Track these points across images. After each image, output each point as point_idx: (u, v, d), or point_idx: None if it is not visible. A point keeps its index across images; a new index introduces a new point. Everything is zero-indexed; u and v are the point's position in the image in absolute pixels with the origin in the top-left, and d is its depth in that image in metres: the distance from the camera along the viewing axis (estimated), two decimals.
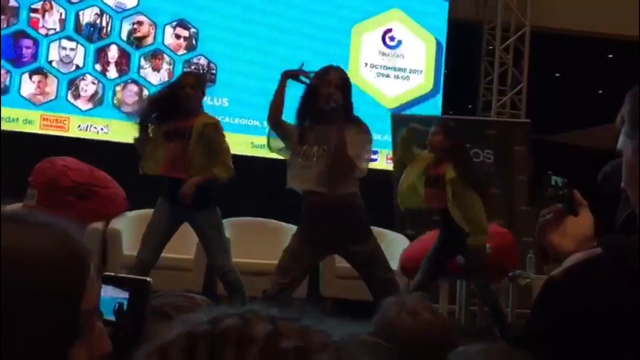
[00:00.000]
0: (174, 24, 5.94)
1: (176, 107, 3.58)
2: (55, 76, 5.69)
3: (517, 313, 5.40)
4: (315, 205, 2.94)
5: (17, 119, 5.59)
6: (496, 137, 6.21)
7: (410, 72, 6.45)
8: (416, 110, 6.40)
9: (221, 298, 3.81)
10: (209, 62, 5.98)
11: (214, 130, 3.64)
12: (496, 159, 6.13)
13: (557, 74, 9.94)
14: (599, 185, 3.24)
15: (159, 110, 3.62)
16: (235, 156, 4.02)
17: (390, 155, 6.17)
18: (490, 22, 6.84)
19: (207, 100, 5.96)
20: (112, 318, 0.93)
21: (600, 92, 9.75)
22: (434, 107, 6.47)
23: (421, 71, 6.46)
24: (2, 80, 5.60)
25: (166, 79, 5.89)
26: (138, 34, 5.88)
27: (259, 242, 5.30)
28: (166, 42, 5.92)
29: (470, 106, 7.32)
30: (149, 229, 3.59)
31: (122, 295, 0.95)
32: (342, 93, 2.99)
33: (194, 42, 5.97)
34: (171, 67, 5.91)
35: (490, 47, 6.94)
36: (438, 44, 6.52)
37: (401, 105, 6.40)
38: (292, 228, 5.49)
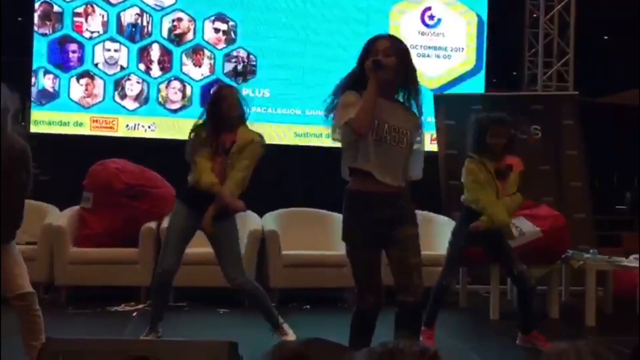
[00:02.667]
0: (213, 18, 5.99)
1: (218, 123, 3.46)
2: (102, 78, 5.84)
3: (571, 291, 5.35)
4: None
5: (69, 122, 5.78)
6: (543, 111, 6.07)
7: (451, 51, 6.34)
8: (459, 89, 6.31)
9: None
10: (249, 54, 6.03)
11: (253, 150, 3.49)
12: (544, 135, 6.00)
13: (605, 37, 9.60)
14: None
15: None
16: (278, 146, 4.05)
17: (434, 136, 6.12)
18: None
19: (248, 93, 6.06)
20: None
21: None
22: (478, 85, 6.36)
23: (462, 49, 6.35)
24: (52, 85, 5.78)
25: (208, 73, 5.98)
26: (178, 31, 5.96)
27: (306, 233, 5.36)
28: (206, 37, 5.98)
29: (515, 81, 7.16)
30: (170, 234, 3.53)
31: None
32: (397, 59, 2.59)
33: (233, 35, 6.01)
34: (212, 61, 5.98)
35: (535, 16, 6.74)
36: (479, 19, 6.38)
37: (444, 85, 6.32)
38: (338, 217, 5.56)
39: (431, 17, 6.32)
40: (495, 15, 6.40)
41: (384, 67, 2.57)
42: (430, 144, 6.25)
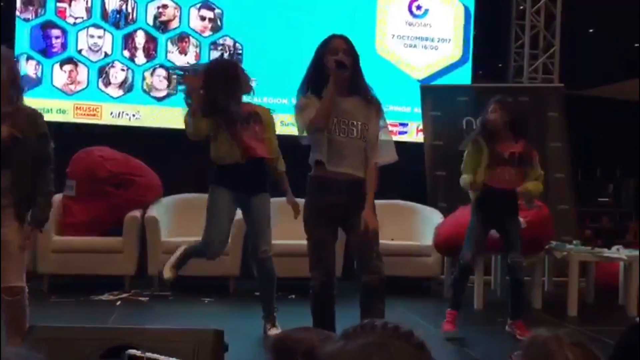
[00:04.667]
0: (199, 5, 5.93)
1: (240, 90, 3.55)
2: (85, 65, 5.77)
3: (554, 282, 5.40)
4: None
5: (51, 109, 5.70)
6: (528, 103, 6.10)
7: (438, 41, 6.34)
8: (446, 80, 6.31)
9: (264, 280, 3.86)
10: (235, 42, 5.98)
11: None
12: (529, 126, 6.02)
13: (591, 30, 9.65)
14: None
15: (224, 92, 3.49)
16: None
17: (421, 127, 6.13)
18: None
19: None
20: None
21: (636, 45, 9.44)
22: (464, 76, 6.37)
23: (449, 39, 6.35)
24: (34, 71, 5.70)
25: (193, 61, 5.92)
26: (163, 18, 5.90)
27: (293, 222, 5.34)
28: (191, 24, 5.92)
29: (501, 73, 7.18)
30: (215, 217, 3.53)
31: None
32: (351, 59, 2.82)
33: (219, 22, 5.96)
34: (198, 49, 5.93)
35: (521, 7, 6.75)
36: (466, 10, 6.38)
37: (430, 76, 6.31)
38: None
39: (418, 8, 6.31)
40: (482, 6, 6.40)
41: (346, 66, 2.80)
42: (416, 135, 6.27)
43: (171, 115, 5.79)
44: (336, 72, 2.77)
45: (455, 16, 6.37)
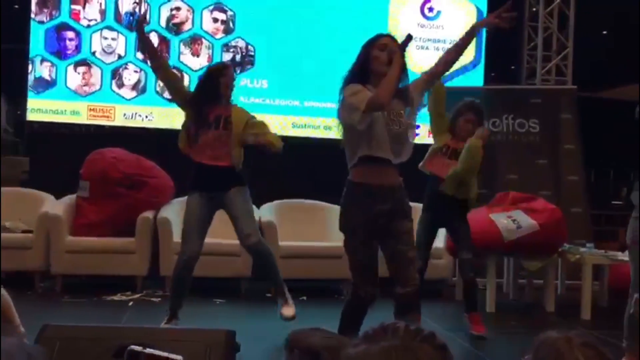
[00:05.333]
0: (211, 7, 5.96)
1: (217, 95, 3.59)
2: (99, 67, 5.81)
3: (566, 285, 5.36)
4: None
5: (65, 110, 5.75)
6: (541, 105, 6.07)
7: (450, 43, 6.25)
8: (458, 82, 6.29)
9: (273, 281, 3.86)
10: (247, 44, 6.00)
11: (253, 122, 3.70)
12: (542, 128, 6.00)
13: (604, 32, 9.59)
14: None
15: (201, 96, 3.61)
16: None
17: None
18: None
19: (247, 83, 6.03)
20: None
21: None
22: (476, 78, 6.35)
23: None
24: (48, 73, 5.75)
25: (206, 63, 5.94)
26: (176, 20, 5.93)
27: (303, 224, 5.36)
28: (204, 26, 5.95)
29: (514, 75, 7.15)
30: (191, 222, 3.55)
31: None
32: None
33: (231, 25, 5.98)
34: (210, 51, 5.95)
35: (534, 9, 6.72)
36: (478, 12, 6.36)
37: (442, 78, 6.28)
38: (335, 208, 5.56)
39: (430, 10, 6.30)
40: (494, 8, 6.32)
41: (411, 38, 2.75)
42: (428, 137, 6.25)
43: (184, 117, 5.80)
44: (402, 46, 2.71)
45: (467, 18, 6.35)
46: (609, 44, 9.37)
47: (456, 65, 6.29)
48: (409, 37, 2.77)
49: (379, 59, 2.74)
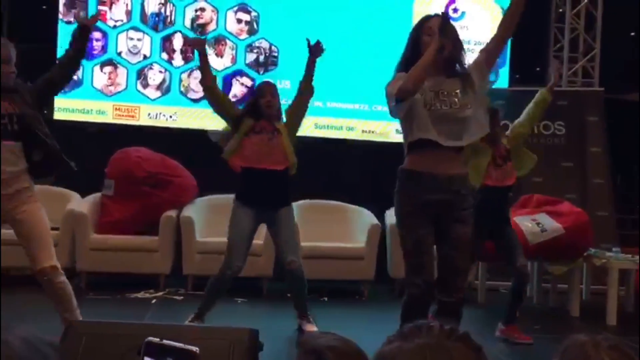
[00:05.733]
0: (236, 8, 5.99)
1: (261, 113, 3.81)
2: (125, 67, 5.87)
3: (591, 290, 5.28)
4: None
5: (91, 110, 5.82)
6: (567, 107, 5.99)
7: (475, 44, 6.26)
8: None
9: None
10: (271, 45, 6.01)
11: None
12: (568, 131, 5.92)
13: (632, 33, 9.43)
14: None
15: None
16: (298, 137, 4.10)
17: None
18: None
19: None
20: None
21: None
22: (501, 79, 6.29)
23: (486, 42, 6.27)
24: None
25: (229, 64, 5.98)
26: (201, 21, 5.97)
27: (325, 224, 5.35)
28: (228, 27, 5.98)
29: (539, 77, 7.07)
30: (239, 237, 3.63)
31: None
32: (449, 40, 2.55)
33: (255, 25, 6.00)
34: (234, 52, 5.98)
35: (561, 10, 6.64)
36: (503, 13, 6.29)
37: None
38: (357, 209, 5.55)
39: (455, 10, 6.26)
40: None
41: (444, 49, 2.52)
42: None
43: (207, 117, 5.85)
44: (434, 53, 2.51)
45: (492, 19, 6.29)
46: (637, 46, 9.21)
47: None
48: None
49: (427, 43, 2.59)
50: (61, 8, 5.80)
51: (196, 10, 5.95)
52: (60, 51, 5.78)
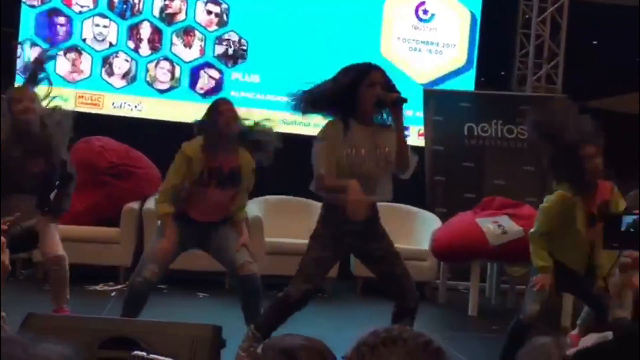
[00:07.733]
0: None
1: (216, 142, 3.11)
2: (90, 54, 5.75)
3: None
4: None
5: (54, 97, 5.66)
6: (530, 112, 6.09)
7: (443, 46, 6.34)
8: (449, 85, 6.32)
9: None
10: (240, 38, 5.97)
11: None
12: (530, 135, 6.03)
13: (595, 42, 9.67)
14: None
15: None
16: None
17: (422, 131, 6.12)
18: None
19: (238, 77, 6.00)
20: None
21: (638, 59, 9.46)
22: (468, 82, 6.38)
23: (455, 45, 6.35)
24: None
25: (198, 55, 5.91)
26: (170, 10, 5.88)
27: (289, 221, 5.34)
28: (197, 18, 5.91)
29: (503, 81, 7.19)
30: (162, 248, 3.12)
31: None
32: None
33: (225, 17, 5.95)
34: (203, 43, 5.92)
35: (527, 16, 6.76)
36: (472, 16, 6.38)
37: (434, 80, 6.32)
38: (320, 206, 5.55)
39: (425, 12, 6.31)
40: (488, 13, 6.40)
41: (406, 100, 2.69)
42: (417, 139, 6.26)
43: (173, 108, 5.78)
44: (397, 107, 2.68)
45: (461, 22, 6.37)
46: (599, 55, 9.45)
47: (448, 69, 6.40)
48: (400, 100, 2.69)
49: (366, 98, 2.69)
50: None
51: (165, 0, 5.87)
52: (23, 35, 5.62)
